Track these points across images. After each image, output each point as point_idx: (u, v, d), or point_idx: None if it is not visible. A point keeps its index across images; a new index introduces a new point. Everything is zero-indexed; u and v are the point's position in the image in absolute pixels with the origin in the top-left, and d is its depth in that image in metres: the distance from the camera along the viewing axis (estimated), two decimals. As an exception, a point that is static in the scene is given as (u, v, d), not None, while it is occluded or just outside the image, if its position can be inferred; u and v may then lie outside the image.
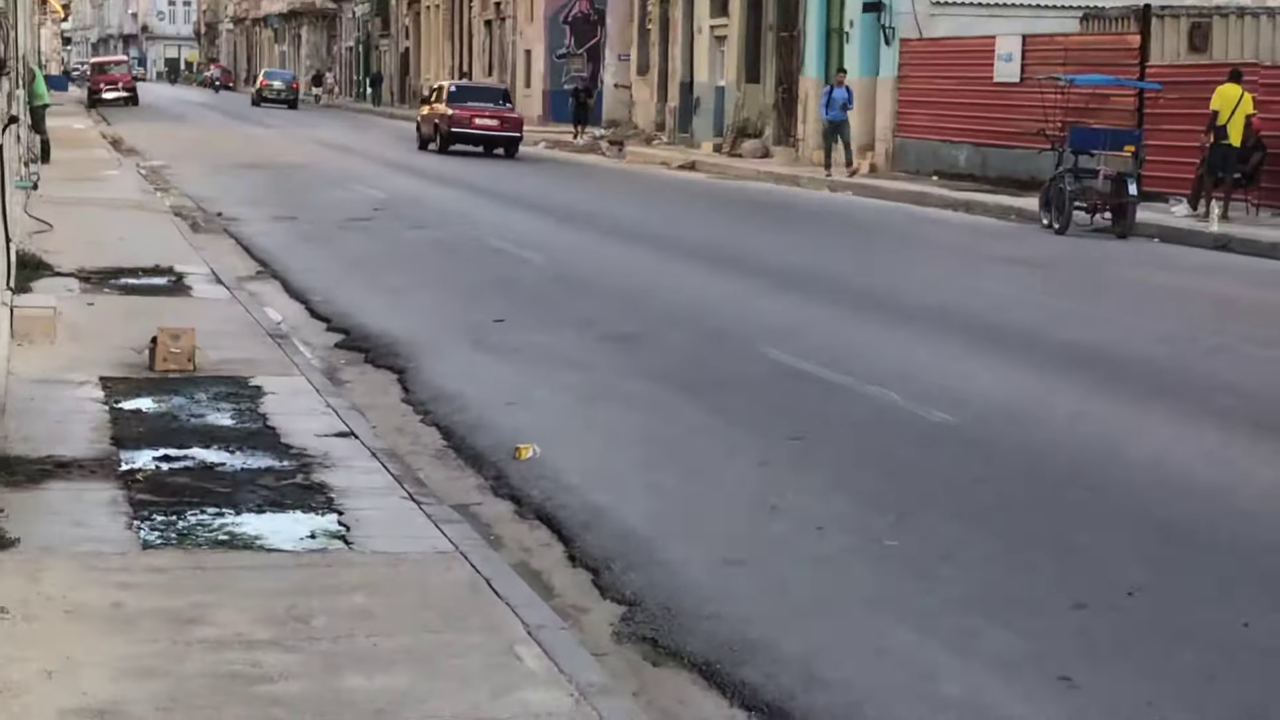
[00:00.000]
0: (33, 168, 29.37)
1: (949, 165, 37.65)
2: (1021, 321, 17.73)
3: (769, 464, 11.32)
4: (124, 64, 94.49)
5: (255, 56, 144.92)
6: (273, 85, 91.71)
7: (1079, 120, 29.93)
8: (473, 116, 47.94)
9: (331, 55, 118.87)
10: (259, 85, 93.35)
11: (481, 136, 47.97)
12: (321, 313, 17.85)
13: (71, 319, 15.57)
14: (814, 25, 43.95)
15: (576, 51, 68.44)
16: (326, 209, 29.53)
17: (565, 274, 21.09)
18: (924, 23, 39.28)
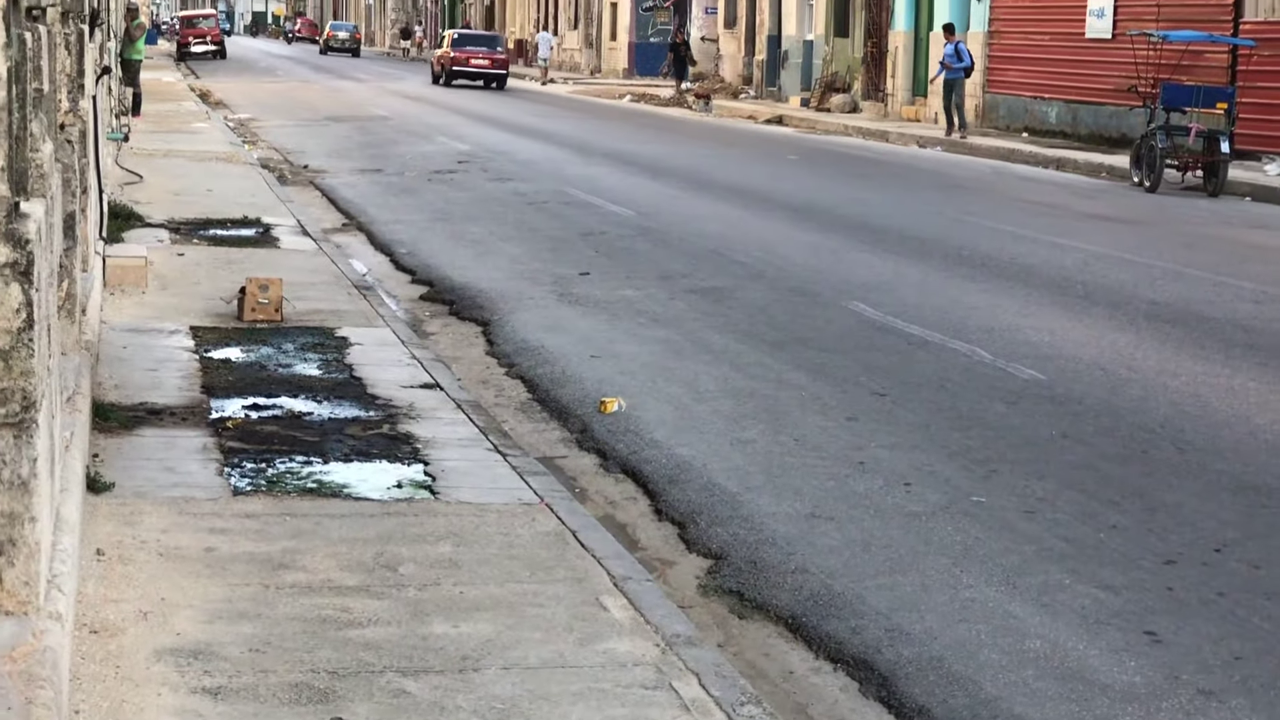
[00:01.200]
0: (124, 120, 29.59)
1: (1039, 122, 37.38)
2: (1111, 279, 17.60)
3: (856, 419, 11.31)
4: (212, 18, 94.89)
5: (341, 10, 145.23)
6: (337, 35, 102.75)
7: (1171, 77, 29.63)
8: (469, 57, 61.13)
9: (418, 9, 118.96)
10: (325, 36, 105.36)
11: (475, 73, 60.73)
12: (406, 265, 17.93)
13: (162, 269, 15.70)
14: (903, -20, 43.72)
15: (663, 5, 68.28)
16: (411, 161, 29.62)
17: (651, 228, 21.08)
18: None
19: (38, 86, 6.54)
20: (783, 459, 10.33)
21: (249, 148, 31.34)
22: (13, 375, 5.23)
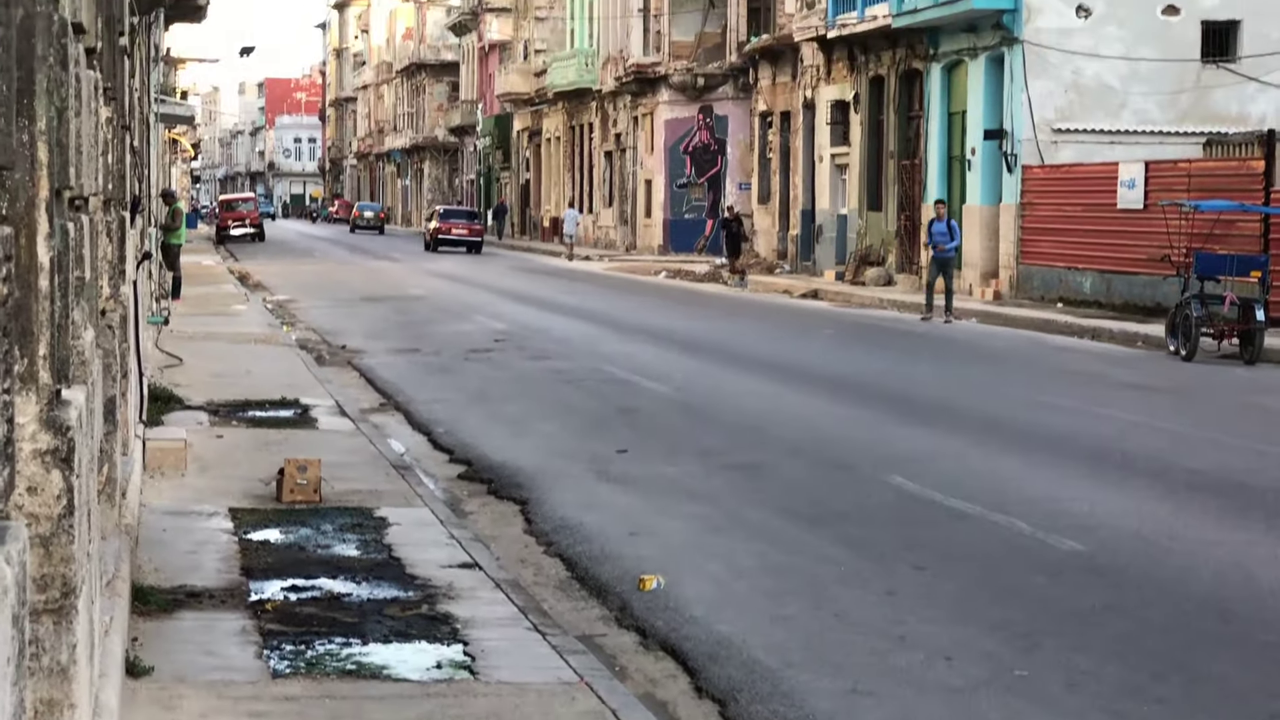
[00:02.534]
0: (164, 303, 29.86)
1: (1074, 292, 37.48)
2: (1150, 448, 17.55)
3: (895, 594, 11.25)
4: (250, 201, 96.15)
5: (378, 191, 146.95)
6: (364, 215, 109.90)
7: (1204, 246, 29.74)
8: (451, 228, 75.52)
9: (453, 188, 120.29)
10: (353, 216, 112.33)
11: (456, 240, 74.35)
12: (444, 444, 17.97)
13: (201, 451, 15.76)
14: (935, 153, 44.07)
15: (697, 181, 68.90)
16: (448, 340, 29.79)
17: (688, 403, 21.13)
18: (1046, 150, 39.27)
19: (80, 274, 6.62)
20: (823, 634, 10.27)
21: (287, 329, 31.57)
22: (53, 562, 5.25)
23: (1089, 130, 39.35)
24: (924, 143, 44.85)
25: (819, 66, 51.89)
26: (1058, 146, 39.31)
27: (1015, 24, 39.42)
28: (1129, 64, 39.19)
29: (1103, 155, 38.31)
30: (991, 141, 40.62)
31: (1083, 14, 39.23)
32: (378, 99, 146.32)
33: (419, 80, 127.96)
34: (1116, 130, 39.30)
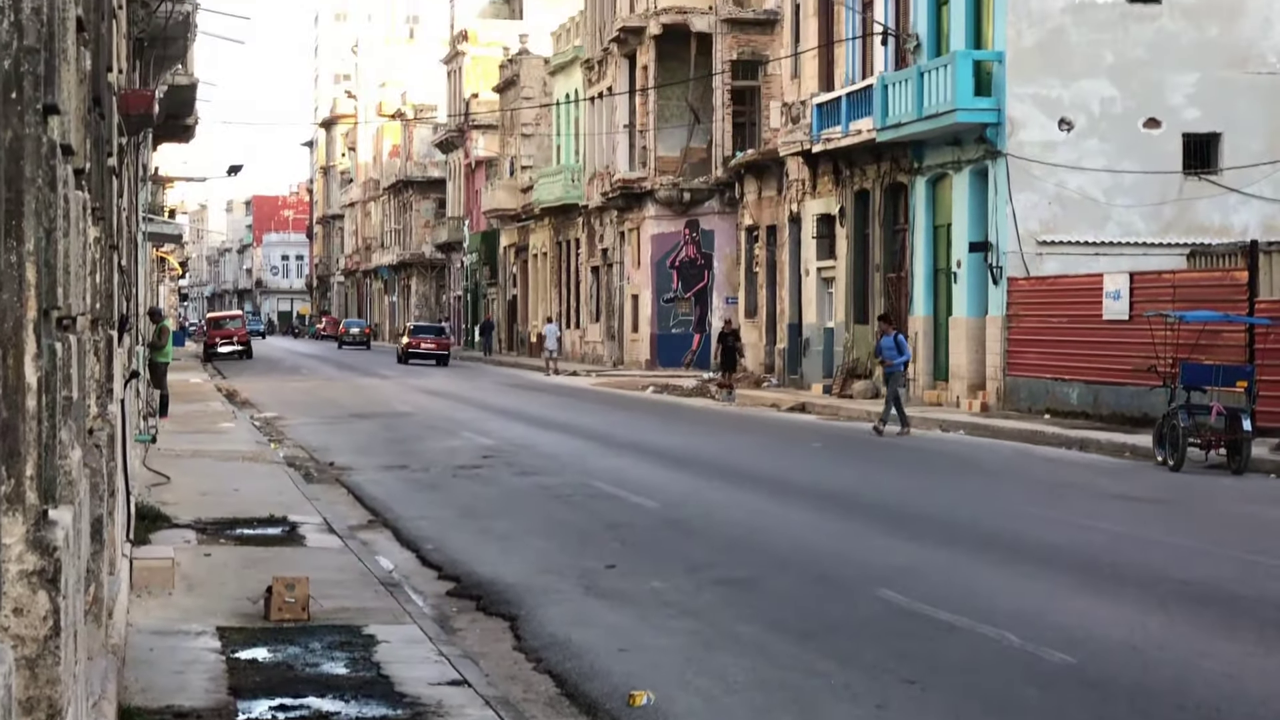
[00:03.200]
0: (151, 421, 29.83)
1: (1061, 403, 37.54)
2: (1139, 559, 17.53)
3: (886, 707, 11.20)
4: (238, 319, 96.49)
5: (366, 307, 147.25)
6: (350, 331, 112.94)
7: (1190, 356, 29.84)
8: (420, 343, 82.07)
9: (441, 304, 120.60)
10: (340, 332, 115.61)
11: (425, 354, 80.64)
12: (433, 560, 17.92)
13: (189, 569, 15.71)
14: (921, 266, 44.26)
15: (684, 296, 69.10)
16: (436, 456, 29.76)
17: (675, 518, 21.09)
18: (1031, 262, 39.46)
19: (67, 394, 6.63)
20: (814, 750, 10.20)
21: (275, 446, 31.53)
22: (39, 684, 5.22)
23: (1073, 242, 39.56)
24: (910, 255, 45.04)
25: (804, 180, 52.19)
26: (1043, 258, 39.49)
27: (999, 138, 39.71)
28: (1112, 176, 39.46)
29: (1087, 267, 38.50)
30: (977, 254, 40.80)
31: (1065, 127, 39.53)
32: (365, 216, 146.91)
33: (406, 197, 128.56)
34: (1101, 242, 39.51)
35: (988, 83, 39.88)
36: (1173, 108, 39.78)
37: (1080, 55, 39.57)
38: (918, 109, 41.35)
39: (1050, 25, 39.54)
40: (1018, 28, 39.51)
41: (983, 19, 41.18)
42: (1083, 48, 39.57)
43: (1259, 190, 39.72)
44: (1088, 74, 39.56)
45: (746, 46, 65.45)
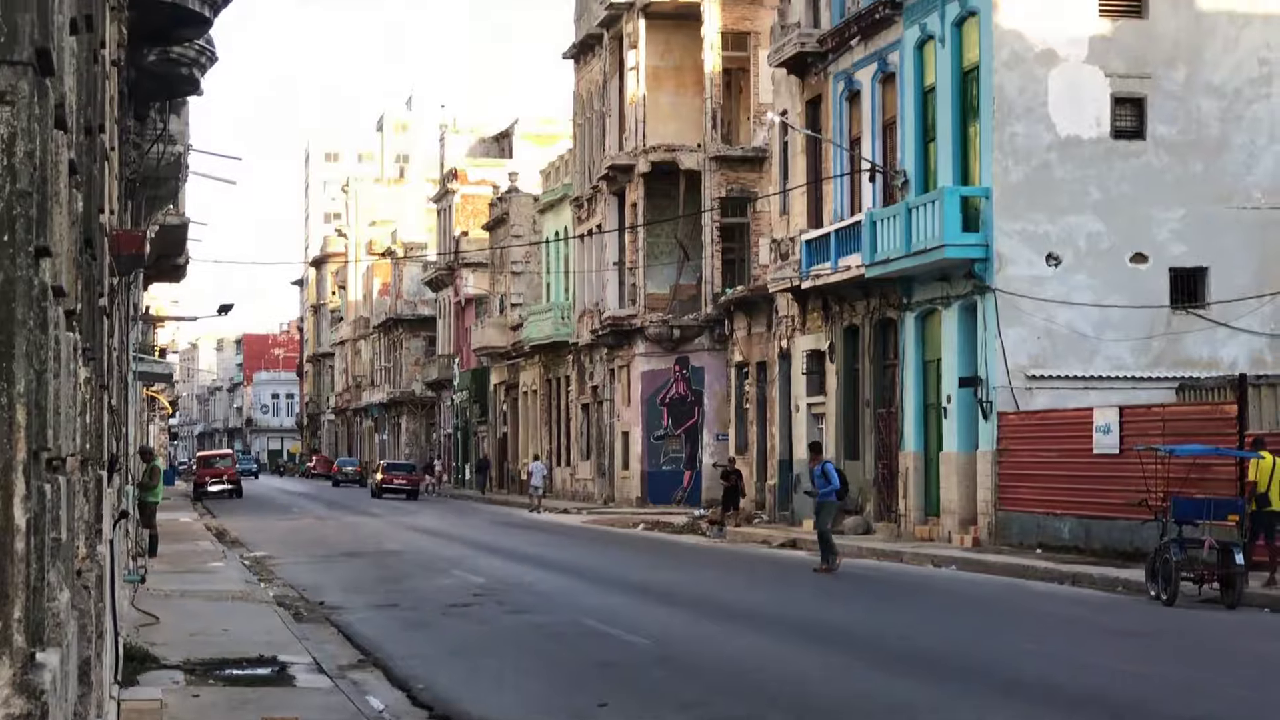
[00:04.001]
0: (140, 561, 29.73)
1: (1053, 537, 37.46)
2: (1133, 695, 17.41)
3: None
4: (228, 457, 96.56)
5: (356, 445, 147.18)
6: (344, 470, 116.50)
7: (1181, 491, 29.82)
8: (393, 479, 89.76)
9: (431, 442, 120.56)
10: (334, 471, 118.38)
11: (397, 488, 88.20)
12: (424, 700, 17.78)
13: (177, 710, 15.58)
14: (912, 401, 44.32)
15: (674, 433, 69.10)
16: (427, 595, 29.61)
17: (668, 656, 20.96)
18: (1020, 396, 39.52)
19: (56, 535, 6.60)
20: None
21: (265, 586, 31.38)
22: (25, 830, 5.15)
23: (1063, 376, 39.65)
24: (900, 391, 45.11)
25: (794, 317, 52.36)
26: (1032, 393, 39.56)
27: (987, 273, 39.90)
28: (1100, 311, 39.62)
29: (1077, 401, 38.56)
30: (967, 389, 40.88)
31: (1053, 262, 39.74)
32: (355, 354, 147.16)
33: (396, 335, 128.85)
34: (1090, 376, 39.62)
35: (975, 218, 40.13)
36: (1159, 242, 40.02)
37: (1067, 191, 39.85)
38: (906, 245, 41.57)
39: (1036, 161, 39.84)
40: (1004, 164, 39.81)
41: (969, 155, 41.50)
42: (1069, 183, 39.86)
43: (1246, 324, 39.89)
44: (1074, 209, 39.83)
45: (735, 183, 65.93)
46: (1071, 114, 39.88)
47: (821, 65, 50.06)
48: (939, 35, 42.16)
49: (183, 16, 22.49)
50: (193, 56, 25.17)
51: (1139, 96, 40.16)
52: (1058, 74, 39.83)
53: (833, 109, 49.44)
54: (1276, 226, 40.34)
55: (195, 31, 23.74)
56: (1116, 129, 40.16)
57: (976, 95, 40.87)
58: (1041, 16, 39.72)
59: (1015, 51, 39.75)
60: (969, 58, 41.26)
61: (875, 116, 46.53)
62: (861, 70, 47.27)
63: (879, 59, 46.00)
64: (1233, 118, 40.48)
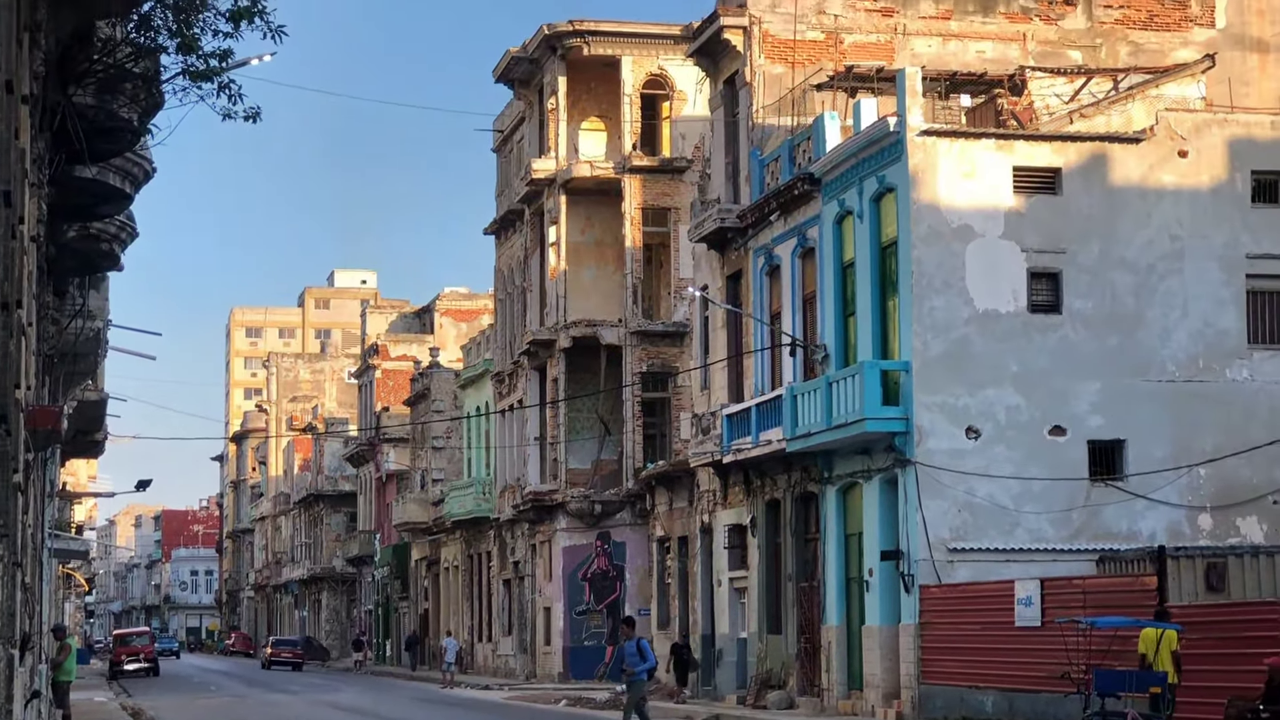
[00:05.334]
0: (52, 742, 29.19)
1: (976, 711, 37.31)
2: None
3: None
4: (145, 635, 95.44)
5: (276, 622, 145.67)
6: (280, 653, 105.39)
7: (1103, 663, 29.82)
8: (281, 652, 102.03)
9: (351, 618, 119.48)
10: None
11: (285, 661, 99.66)
12: None
13: None
14: (833, 575, 44.24)
15: (596, 608, 68.71)
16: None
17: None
18: (942, 569, 39.53)
19: (-37, 716, 6.48)
20: None
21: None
22: None
23: (984, 549, 39.69)
24: (822, 564, 45.04)
25: (715, 491, 52.35)
26: (954, 565, 39.59)
27: (908, 446, 40.04)
28: (1020, 483, 39.79)
29: (998, 573, 38.61)
30: (888, 562, 40.86)
31: (973, 435, 39.94)
32: (275, 530, 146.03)
33: (316, 511, 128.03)
34: (1011, 549, 39.67)
35: (895, 392, 40.37)
36: (1077, 415, 40.33)
37: (985, 365, 40.15)
38: (827, 419, 41.72)
39: (955, 335, 40.17)
40: (923, 338, 40.11)
41: (889, 329, 41.81)
42: (988, 357, 40.18)
43: (1164, 496, 40.15)
44: (993, 383, 40.12)
45: (656, 358, 66.17)
46: (989, 288, 40.30)
47: (741, 240, 50.49)
48: (858, 211, 42.64)
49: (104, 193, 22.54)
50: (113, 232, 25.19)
51: (1055, 271, 40.65)
52: (975, 249, 40.28)
53: (753, 283, 49.80)
54: (1191, 399, 40.77)
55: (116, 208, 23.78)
56: (1033, 303, 40.58)
57: (895, 270, 41.26)
58: (958, 193, 40.25)
59: (933, 227, 40.21)
60: (887, 233, 41.71)
61: (795, 291, 46.88)
62: (781, 245, 47.69)
63: (798, 234, 46.45)
64: (1147, 292, 41.00)
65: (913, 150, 40.21)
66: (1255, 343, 41.47)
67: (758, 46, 49.59)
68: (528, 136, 74.63)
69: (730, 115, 52.34)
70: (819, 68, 48.97)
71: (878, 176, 41.62)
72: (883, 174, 41.38)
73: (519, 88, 74.26)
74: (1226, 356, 41.22)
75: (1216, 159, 41.49)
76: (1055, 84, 45.60)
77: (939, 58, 49.00)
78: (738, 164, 51.78)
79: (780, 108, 49.09)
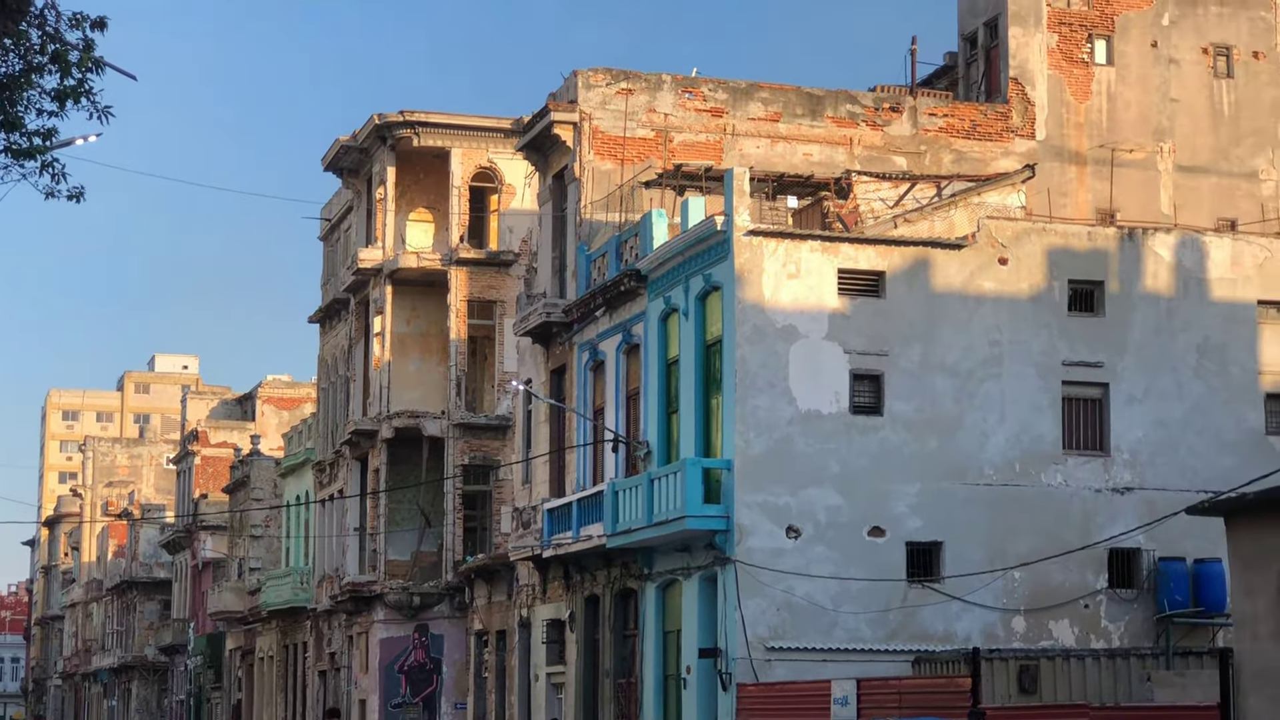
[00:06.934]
0: None
1: (790, 811, 37.30)
2: None
3: None
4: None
5: (84, 712, 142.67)
6: None
7: (917, 763, 29.95)
8: None
9: (162, 709, 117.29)
10: None
11: None
12: None
13: None
14: (651, 672, 44.12)
15: (413, 701, 67.97)
16: None
17: None
18: (760, 668, 39.56)
19: None
20: None
21: None
22: None
23: (802, 648, 39.81)
24: (640, 661, 44.92)
25: (534, 585, 52.14)
26: (771, 664, 39.64)
27: (728, 544, 40.11)
28: (839, 583, 39.98)
29: (816, 673, 38.70)
30: (707, 660, 40.83)
31: (793, 535, 40.11)
32: (86, 617, 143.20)
33: (130, 598, 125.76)
34: (828, 648, 39.82)
35: (717, 490, 40.46)
36: (896, 516, 40.66)
37: (807, 464, 40.38)
38: (648, 515, 41.71)
39: (777, 435, 40.38)
40: (746, 437, 40.28)
41: (712, 427, 41.95)
42: (809, 457, 40.41)
43: (979, 598, 40.54)
44: (814, 483, 40.35)
45: (478, 451, 65.85)
46: (812, 389, 40.59)
47: (566, 335, 50.55)
48: (683, 309, 42.84)
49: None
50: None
51: (877, 373, 41.05)
52: (799, 349, 40.60)
53: (577, 378, 49.82)
54: (1007, 503, 41.27)
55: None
56: (855, 404, 40.93)
57: (719, 368, 41.46)
58: (783, 293, 40.58)
59: (757, 326, 40.48)
60: (712, 331, 41.94)
61: (619, 387, 46.95)
62: (606, 341, 47.79)
63: (624, 330, 46.58)
64: (966, 396, 41.52)
65: (739, 250, 40.52)
66: (1070, 448, 42.13)
67: (587, 142, 49.84)
68: (355, 225, 74.32)
69: (558, 210, 52.50)
70: (648, 165, 49.33)
71: (704, 275, 41.87)
72: (709, 272, 41.64)
73: (348, 176, 73.96)
74: (1042, 461, 41.81)
75: (1035, 267, 42.23)
76: (880, 188, 46.24)
77: (767, 159, 49.56)
78: (565, 259, 51.90)
79: (609, 204, 49.33)
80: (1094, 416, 42.46)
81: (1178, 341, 43.10)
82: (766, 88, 50.79)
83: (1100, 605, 41.69)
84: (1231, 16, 54.22)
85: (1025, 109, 51.97)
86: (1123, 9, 53.20)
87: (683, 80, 50.46)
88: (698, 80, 50.64)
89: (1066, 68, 52.54)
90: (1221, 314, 43.43)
